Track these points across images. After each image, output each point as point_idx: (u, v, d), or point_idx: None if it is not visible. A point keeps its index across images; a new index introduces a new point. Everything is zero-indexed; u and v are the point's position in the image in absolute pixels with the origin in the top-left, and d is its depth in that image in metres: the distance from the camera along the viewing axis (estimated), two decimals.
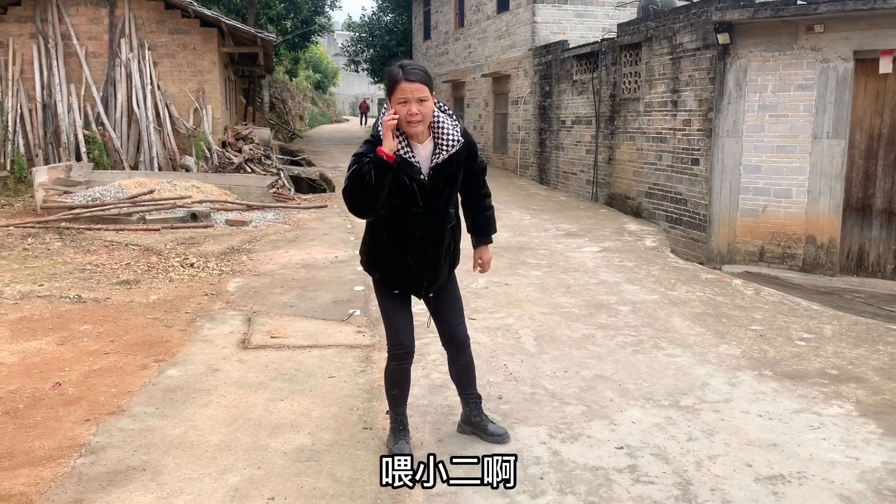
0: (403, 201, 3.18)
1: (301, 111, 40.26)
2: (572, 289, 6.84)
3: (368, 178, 3.02)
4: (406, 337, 3.39)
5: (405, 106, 3.06)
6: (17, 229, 9.00)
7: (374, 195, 3.07)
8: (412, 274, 3.32)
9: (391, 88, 3.10)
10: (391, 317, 3.42)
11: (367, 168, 3.02)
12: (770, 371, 4.73)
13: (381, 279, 3.41)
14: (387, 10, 31.79)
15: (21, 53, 13.37)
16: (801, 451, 3.57)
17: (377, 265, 3.39)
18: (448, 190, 3.28)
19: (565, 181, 15.11)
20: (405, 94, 3.05)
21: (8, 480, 3.29)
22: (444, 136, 3.19)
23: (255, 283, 6.94)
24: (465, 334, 3.57)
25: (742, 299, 6.62)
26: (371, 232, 3.37)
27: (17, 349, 4.98)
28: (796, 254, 9.65)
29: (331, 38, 52.33)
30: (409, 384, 3.56)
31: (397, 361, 3.43)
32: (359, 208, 3.14)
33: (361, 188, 3.05)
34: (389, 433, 3.58)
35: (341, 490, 3.19)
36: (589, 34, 16.01)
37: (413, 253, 3.28)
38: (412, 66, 3.11)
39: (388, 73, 3.14)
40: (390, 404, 3.56)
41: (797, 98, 9.52)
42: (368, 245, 3.41)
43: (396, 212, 3.21)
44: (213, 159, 13.62)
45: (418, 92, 3.05)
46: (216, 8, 22.11)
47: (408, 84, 3.05)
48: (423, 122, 3.11)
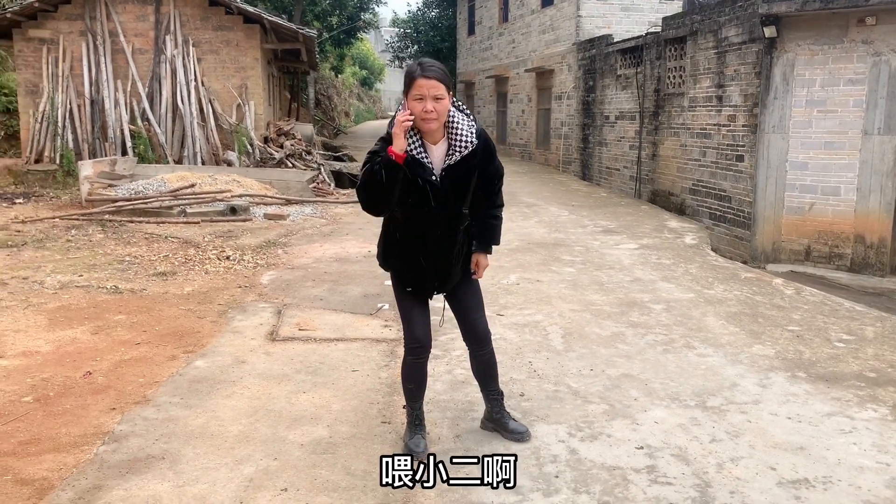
0: (416, 201, 3.16)
1: (347, 107, 40.59)
2: (605, 286, 6.74)
3: (379, 178, 3.02)
4: (421, 331, 3.38)
5: (421, 103, 3.03)
6: (63, 221, 9.26)
7: (384, 194, 3.07)
8: (424, 273, 3.31)
9: (408, 85, 3.08)
10: (407, 311, 3.42)
11: (378, 167, 3.02)
12: (804, 373, 4.57)
13: (395, 276, 3.41)
14: (432, 6, 31.85)
15: (71, 50, 13.74)
16: (828, 456, 3.45)
17: (391, 262, 3.40)
18: (461, 191, 3.24)
19: (608, 177, 14.91)
20: (421, 91, 3.02)
21: (33, 466, 3.36)
22: (459, 136, 3.15)
23: (289, 276, 7.00)
24: (486, 329, 3.54)
25: (781, 299, 6.43)
26: (386, 230, 3.38)
27: (53, 338, 5.11)
28: (844, 253, 9.35)
29: (377, 35, 52.59)
30: (425, 379, 3.54)
31: (413, 356, 3.42)
32: (370, 206, 3.16)
33: (372, 187, 3.06)
34: (406, 428, 3.56)
35: (354, 483, 3.19)
36: (634, 28, 15.76)
37: (425, 253, 3.27)
38: (430, 63, 3.10)
39: (406, 72, 3.14)
40: (407, 399, 3.55)
41: (847, 93, 9.22)
42: (383, 242, 3.42)
43: (409, 211, 3.19)
44: (255, 154, 13.80)
45: (434, 89, 3.02)
46: (262, 5, 22.44)
47: (424, 80, 3.02)
48: (438, 119, 3.07)
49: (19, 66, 13.98)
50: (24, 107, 13.88)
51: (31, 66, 13.81)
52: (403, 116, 3.03)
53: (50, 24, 13.74)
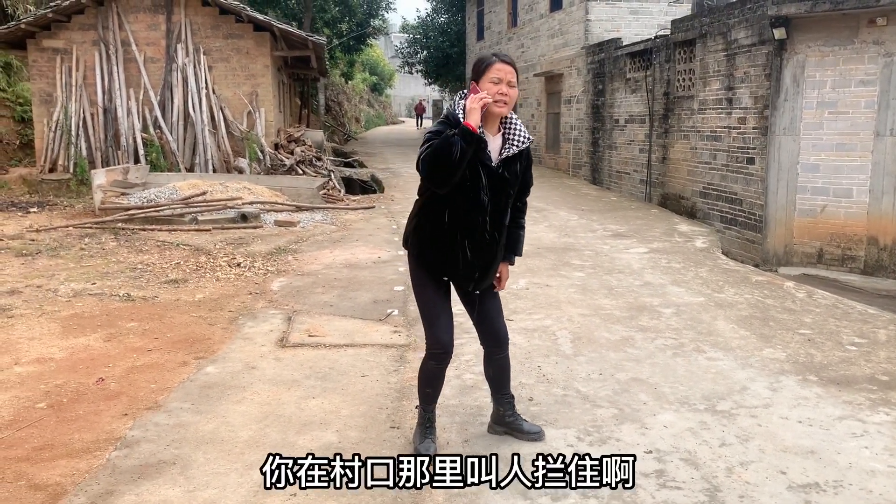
0: (471, 185, 3.16)
1: (357, 113, 40.72)
2: (615, 290, 6.73)
3: (455, 149, 2.99)
4: (447, 336, 3.37)
5: (497, 85, 3.10)
6: (76, 230, 9.34)
7: (457, 165, 3.03)
8: (466, 263, 3.28)
9: (483, 69, 3.14)
10: (432, 314, 3.38)
11: (455, 139, 3.00)
12: (815, 376, 4.55)
13: (431, 265, 3.34)
14: (441, 12, 31.93)
15: (84, 60, 13.87)
16: (839, 459, 3.43)
17: (429, 250, 3.31)
18: (511, 185, 3.29)
19: (618, 181, 14.89)
20: (500, 74, 3.11)
21: (46, 471, 3.40)
22: (515, 131, 3.25)
23: (299, 282, 7.03)
24: (507, 332, 3.59)
25: (793, 302, 6.40)
26: (428, 215, 3.29)
27: (67, 345, 5.15)
28: (857, 255, 9.29)
29: (387, 41, 52.81)
30: (442, 383, 3.55)
31: (435, 361, 3.41)
32: (439, 176, 3.07)
33: (445, 157, 3.00)
34: (416, 429, 3.57)
35: (362, 488, 3.20)
36: (644, 31, 15.75)
37: (473, 241, 3.25)
38: (505, 54, 3.21)
39: (480, 58, 3.22)
40: (421, 401, 3.55)
41: (858, 94, 9.17)
42: (424, 228, 3.30)
43: (462, 195, 3.18)
44: (266, 161, 13.88)
45: (510, 75, 3.13)
46: (272, 13, 22.59)
47: (502, 65, 3.12)
48: (508, 105, 3.15)
49: (33, 76, 14.13)
50: (38, 116, 14.02)
51: (45, 76, 13.95)
52: (481, 95, 3.06)
53: (63, 35, 13.89)
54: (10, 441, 3.69)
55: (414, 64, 34.01)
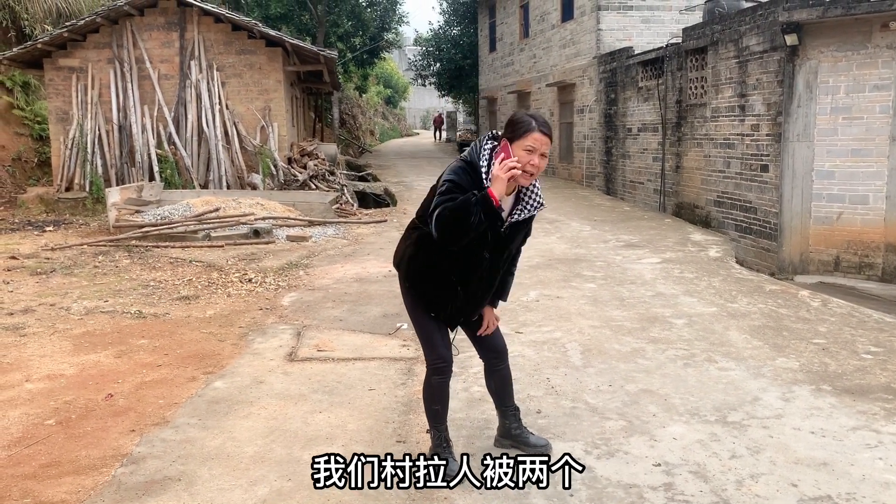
0: (475, 243, 3.11)
1: (371, 126, 40.90)
2: (626, 302, 6.67)
3: (474, 218, 2.93)
4: (445, 349, 3.38)
5: (531, 155, 2.99)
6: (91, 248, 9.42)
7: (473, 232, 2.98)
8: (456, 307, 3.31)
9: (521, 134, 3.01)
10: (428, 330, 3.39)
11: (476, 209, 2.93)
12: (829, 385, 4.48)
13: (421, 299, 3.35)
14: (453, 24, 32.05)
15: (99, 78, 14.04)
16: (853, 471, 3.36)
17: (420, 289, 3.33)
18: (514, 245, 3.30)
19: (632, 191, 14.81)
20: (536, 144, 2.99)
21: (52, 488, 3.41)
22: (531, 195, 3.17)
23: (309, 297, 7.04)
24: (504, 343, 3.58)
25: (807, 311, 6.32)
26: (425, 250, 3.25)
27: (77, 361, 5.18)
28: (875, 263, 9.17)
29: (401, 54, 53.08)
30: (448, 398, 3.51)
31: (439, 375, 3.40)
32: (452, 238, 3.02)
33: (463, 223, 2.94)
34: (431, 452, 3.45)
35: (366, 503, 3.18)
36: (655, 40, 15.69)
37: (467, 289, 3.26)
38: (544, 120, 3.09)
39: (519, 119, 3.07)
40: (433, 422, 3.48)
41: (873, 99, 9.09)
42: (416, 268, 3.31)
43: (464, 250, 3.14)
44: (279, 176, 13.94)
45: (546, 146, 3.03)
46: (286, 28, 22.78)
47: (541, 136, 3.00)
48: (534, 177, 3.07)
49: (50, 95, 14.32)
50: (54, 134, 14.20)
51: (61, 94, 14.14)
52: (512, 163, 2.95)
53: (79, 53, 14.07)
54: (18, 458, 3.71)
55: (427, 76, 34.13)
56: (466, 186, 3.01)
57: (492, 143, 3.12)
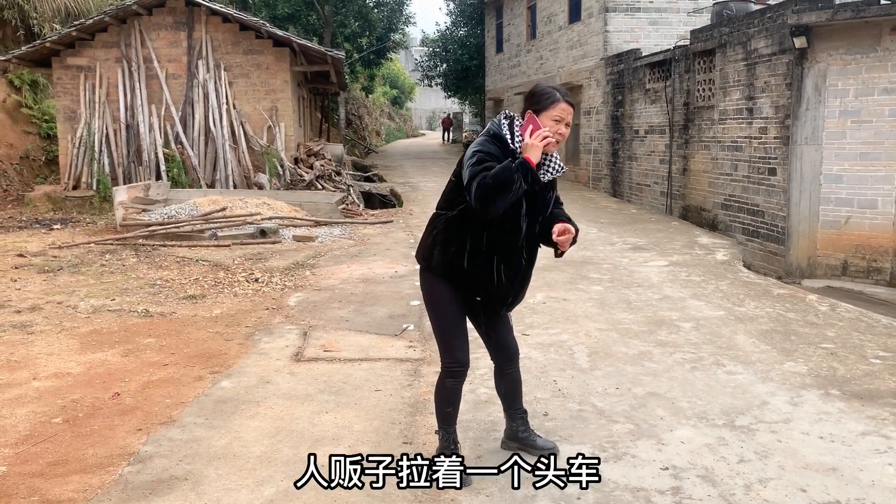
0: (513, 210, 3.18)
1: (378, 126, 40.93)
2: (633, 304, 6.65)
3: (517, 183, 3.04)
4: (463, 353, 3.36)
5: (558, 124, 3.19)
6: (98, 246, 9.44)
7: (514, 197, 3.09)
8: (502, 286, 3.28)
9: (548, 105, 3.20)
10: (448, 331, 3.35)
11: (517, 174, 3.04)
12: (837, 390, 4.46)
13: (462, 286, 3.29)
14: (460, 25, 32.03)
15: (107, 77, 14.09)
16: (862, 477, 3.34)
17: (461, 270, 3.25)
18: (544, 208, 3.34)
19: (639, 193, 14.78)
20: (562, 114, 3.20)
21: (59, 486, 3.41)
22: (553, 159, 3.28)
23: (315, 297, 7.04)
24: (517, 346, 3.58)
25: (815, 316, 6.29)
26: (458, 234, 3.23)
27: (84, 360, 5.19)
28: (883, 267, 9.13)
29: (408, 54, 53.08)
30: (460, 400, 3.51)
31: (454, 378, 3.38)
32: (493, 205, 3.06)
33: (507, 187, 3.03)
34: (439, 453, 3.44)
35: (372, 503, 3.17)
36: (663, 42, 15.66)
37: (510, 265, 3.26)
38: (566, 91, 3.30)
39: (542, 91, 3.26)
40: (442, 423, 3.47)
41: (882, 102, 9.05)
42: (452, 246, 3.25)
43: (500, 220, 3.18)
44: (286, 176, 13.96)
45: (570, 116, 3.25)
46: (293, 28, 22.81)
47: (567, 105, 3.21)
48: (559, 143, 3.22)
49: (58, 93, 14.37)
50: (62, 132, 14.25)
51: (69, 93, 14.19)
52: (545, 132, 3.13)
53: (87, 52, 14.12)
54: (25, 456, 3.71)
55: (434, 77, 34.12)
56: (498, 155, 3.15)
57: (508, 121, 3.26)
